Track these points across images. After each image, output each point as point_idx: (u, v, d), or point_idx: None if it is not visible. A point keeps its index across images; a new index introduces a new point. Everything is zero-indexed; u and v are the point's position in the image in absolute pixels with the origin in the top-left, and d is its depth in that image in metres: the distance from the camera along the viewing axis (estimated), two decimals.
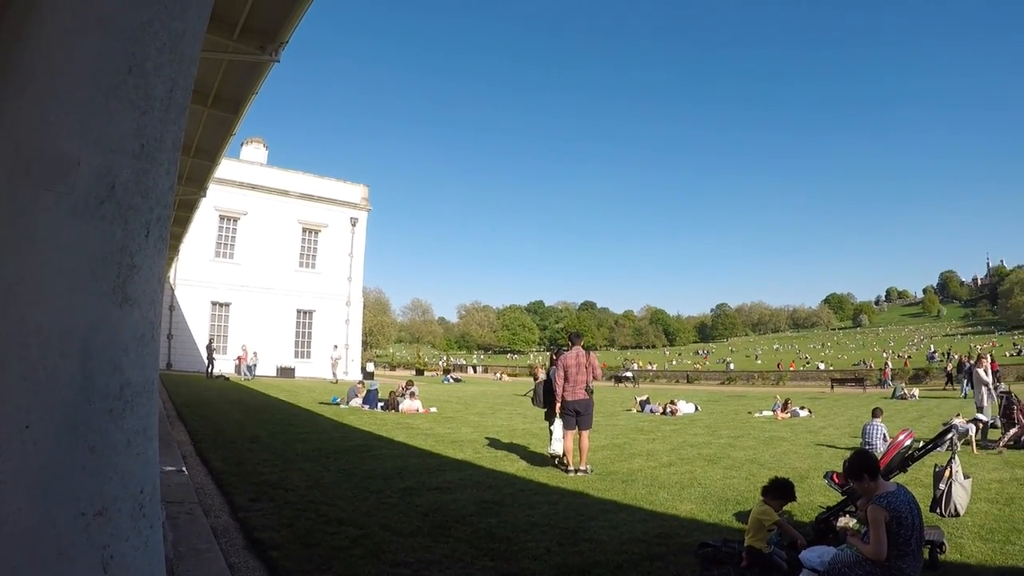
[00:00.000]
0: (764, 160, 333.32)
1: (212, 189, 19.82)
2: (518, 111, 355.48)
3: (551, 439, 9.62)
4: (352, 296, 39.68)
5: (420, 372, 60.87)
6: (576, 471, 9.06)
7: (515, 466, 9.64)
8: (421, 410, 17.78)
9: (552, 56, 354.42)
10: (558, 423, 9.57)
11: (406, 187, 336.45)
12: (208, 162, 13.75)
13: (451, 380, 43.99)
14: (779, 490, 5.37)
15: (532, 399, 10.54)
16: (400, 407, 17.50)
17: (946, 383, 35.26)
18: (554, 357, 10.34)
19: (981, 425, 12.39)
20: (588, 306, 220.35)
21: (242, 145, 38.51)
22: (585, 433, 9.41)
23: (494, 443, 12.05)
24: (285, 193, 37.40)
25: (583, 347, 9.81)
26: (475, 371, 74.03)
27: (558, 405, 9.49)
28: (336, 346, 35.77)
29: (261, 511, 6.16)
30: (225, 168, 29.57)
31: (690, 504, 7.27)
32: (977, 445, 11.51)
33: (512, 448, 11.50)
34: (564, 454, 9.28)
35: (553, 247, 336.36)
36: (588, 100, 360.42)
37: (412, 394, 18.42)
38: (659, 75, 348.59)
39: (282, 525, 5.69)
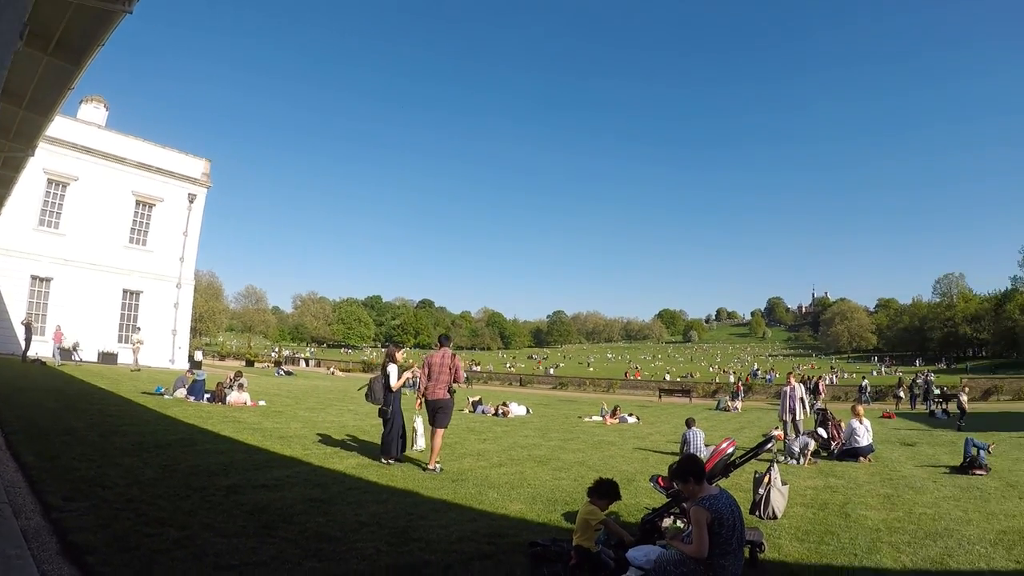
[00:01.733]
0: (608, 184, 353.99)
1: (41, 149, 18.04)
2: (371, 100, 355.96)
3: (415, 436, 10.18)
4: (183, 278, 36.99)
5: (251, 363, 58.82)
6: (425, 468, 9.40)
7: (345, 463, 9.60)
8: (249, 403, 17.30)
9: (409, 41, 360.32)
10: (419, 419, 10.13)
11: (249, 167, 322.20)
12: (41, 116, 12.39)
13: (282, 373, 43.02)
14: (604, 490, 5.47)
15: (367, 395, 10.41)
16: (227, 399, 16.92)
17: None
18: (390, 352, 10.55)
19: (819, 439, 13.41)
20: (426, 304, 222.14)
21: (80, 103, 35.01)
22: (440, 431, 9.66)
23: (324, 439, 11.96)
24: (122, 161, 34.18)
25: (451, 349, 10.05)
26: (307, 364, 72.61)
27: (419, 402, 9.90)
28: (139, 328, 32.83)
29: (77, 511, 5.74)
30: (59, 126, 27.21)
31: (520, 504, 7.51)
32: (809, 458, 12.30)
33: (342, 445, 11.47)
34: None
35: (394, 242, 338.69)
36: (446, 94, 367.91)
37: (240, 386, 17.80)
38: (526, 86, 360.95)
39: (99, 527, 5.34)
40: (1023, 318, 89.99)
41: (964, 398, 23.21)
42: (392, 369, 10.16)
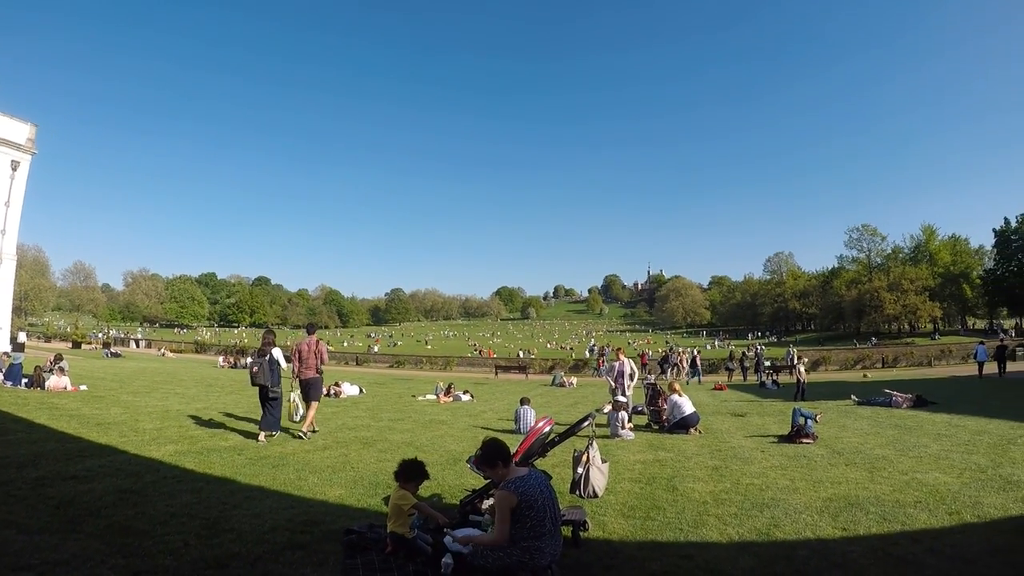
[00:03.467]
0: (445, 162, 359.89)
1: None
2: (201, 72, 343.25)
3: (296, 408, 12.68)
4: (5, 252, 33.57)
5: (77, 345, 55.47)
6: (306, 434, 11.28)
7: (163, 451, 9.39)
8: (70, 388, 16.43)
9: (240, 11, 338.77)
10: (295, 395, 12.44)
11: (78, 137, 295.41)
12: None
13: (110, 355, 40.76)
14: (409, 472, 5.36)
15: (256, 376, 10.89)
16: (47, 384, 15.98)
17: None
18: (270, 340, 11.41)
19: (626, 408, 13.87)
20: (262, 281, 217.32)
21: None
22: (314, 404, 11.66)
23: (144, 426, 11.66)
24: None
25: (315, 336, 12.01)
26: (138, 346, 68.96)
27: (294, 381, 11.84)
28: None
29: None
30: None
31: (340, 489, 7.50)
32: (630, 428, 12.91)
33: (163, 431, 11.23)
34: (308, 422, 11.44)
35: (229, 217, 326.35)
36: (278, 66, 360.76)
37: (61, 369, 16.91)
38: (359, 59, 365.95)
39: None
40: (849, 293, 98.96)
41: (803, 369, 22.70)
42: (278, 353, 11.33)
